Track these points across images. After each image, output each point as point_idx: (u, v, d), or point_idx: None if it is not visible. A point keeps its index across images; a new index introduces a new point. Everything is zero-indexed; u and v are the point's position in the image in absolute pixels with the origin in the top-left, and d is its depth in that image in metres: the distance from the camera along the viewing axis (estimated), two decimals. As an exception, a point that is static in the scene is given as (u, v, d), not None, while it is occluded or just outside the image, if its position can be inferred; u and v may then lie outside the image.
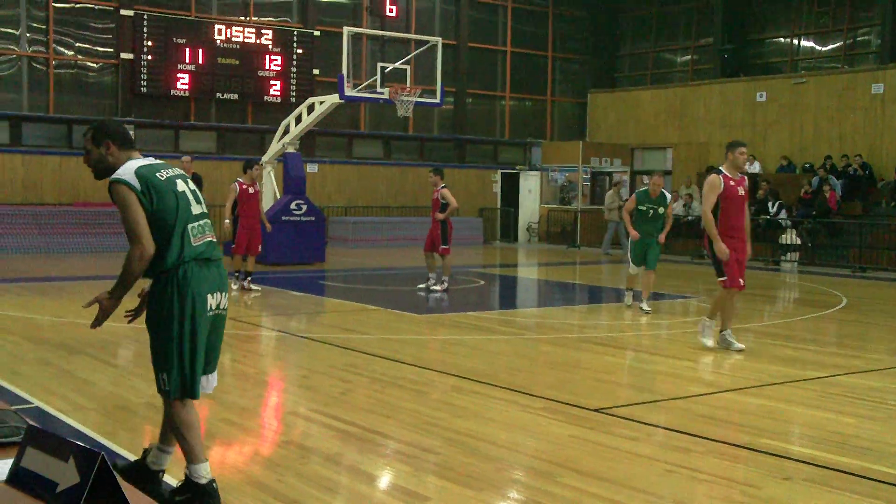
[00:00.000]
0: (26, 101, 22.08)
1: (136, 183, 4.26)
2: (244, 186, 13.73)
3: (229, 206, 14.00)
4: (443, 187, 14.30)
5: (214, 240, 4.53)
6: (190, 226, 4.37)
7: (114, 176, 4.32)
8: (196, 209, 4.44)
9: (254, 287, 13.90)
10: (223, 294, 4.48)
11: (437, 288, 14.43)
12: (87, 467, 2.15)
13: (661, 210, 12.41)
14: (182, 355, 4.31)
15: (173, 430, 4.48)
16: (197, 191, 4.57)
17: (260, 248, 14.35)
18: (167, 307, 4.31)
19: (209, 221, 4.55)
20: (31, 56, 22.04)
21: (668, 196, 12.67)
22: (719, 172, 9.26)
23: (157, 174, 4.36)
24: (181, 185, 4.43)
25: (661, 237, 12.44)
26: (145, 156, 4.51)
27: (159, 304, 4.34)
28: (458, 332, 10.68)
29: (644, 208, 12.42)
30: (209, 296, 4.36)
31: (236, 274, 13.78)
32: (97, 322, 4.43)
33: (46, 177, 21.62)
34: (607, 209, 24.28)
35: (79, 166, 22.05)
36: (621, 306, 12.91)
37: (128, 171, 4.31)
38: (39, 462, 2.29)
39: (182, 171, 4.56)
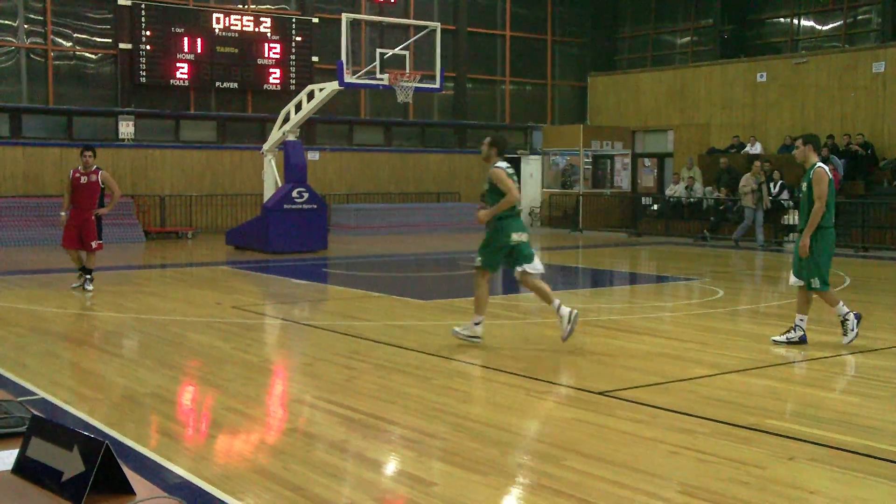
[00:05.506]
0: (26, 92, 22.06)
1: None
2: (76, 175, 12.43)
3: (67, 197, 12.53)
4: (97, 168, 12.32)
5: None
6: None
7: None
8: None
9: (87, 288, 12.39)
10: None
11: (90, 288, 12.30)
12: (92, 456, 2.16)
13: None
14: None
15: None
16: None
17: (94, 244, 12.41)
18: None
19: None
20: (30, 48, 21.99)
21: None
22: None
23: None
24: None
25: None
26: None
27: None
28: (461, 317, 10.66)
29: None
30: None
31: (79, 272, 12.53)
32: None
33: (47, 169, 21.61)
34: (742, 193, 21.19)
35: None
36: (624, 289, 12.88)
37: None
38: (44, 452, 2.30)
39: None
